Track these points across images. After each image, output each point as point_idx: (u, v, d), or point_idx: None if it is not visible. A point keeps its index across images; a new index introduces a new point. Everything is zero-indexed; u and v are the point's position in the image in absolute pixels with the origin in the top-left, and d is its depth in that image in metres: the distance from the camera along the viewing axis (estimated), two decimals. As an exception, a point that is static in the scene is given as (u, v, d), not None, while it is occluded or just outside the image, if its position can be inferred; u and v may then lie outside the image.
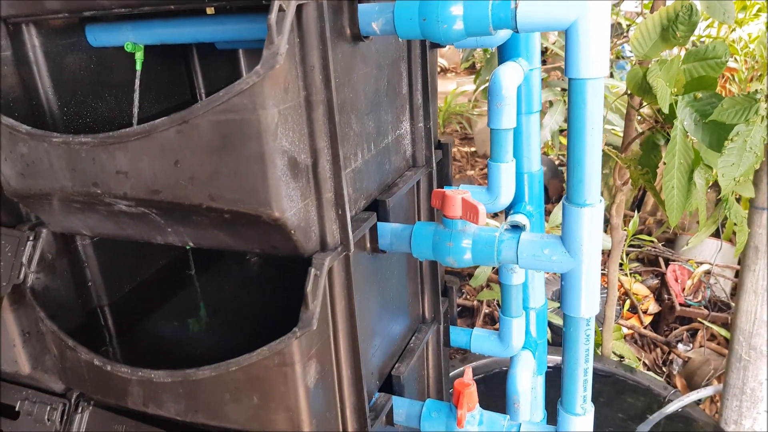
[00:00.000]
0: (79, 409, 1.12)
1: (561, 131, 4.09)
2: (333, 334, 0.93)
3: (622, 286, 3.00)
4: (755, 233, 1.88)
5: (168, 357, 1.16)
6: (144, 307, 1.22)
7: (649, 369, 2.74)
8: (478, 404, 1.09)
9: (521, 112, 1.34)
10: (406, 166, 1.16)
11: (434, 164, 1.20)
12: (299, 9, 0.77)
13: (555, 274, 2.69)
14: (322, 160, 0.85)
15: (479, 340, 1.38)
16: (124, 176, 0.82)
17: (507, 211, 1.41)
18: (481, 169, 4.44)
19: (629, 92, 1.84)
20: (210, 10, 1.20)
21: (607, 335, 2.44)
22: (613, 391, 2.30)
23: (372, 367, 1.09)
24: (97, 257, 1.12)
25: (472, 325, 2.85)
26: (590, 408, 1.01)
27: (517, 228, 1.31)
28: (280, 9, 0.74)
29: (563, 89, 2.77)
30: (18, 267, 1.00)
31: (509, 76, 1.18)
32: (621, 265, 3.11)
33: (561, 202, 0.95)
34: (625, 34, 4.89)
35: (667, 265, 3.08)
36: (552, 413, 1.29)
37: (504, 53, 1.32)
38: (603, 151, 1.92)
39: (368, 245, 1.01)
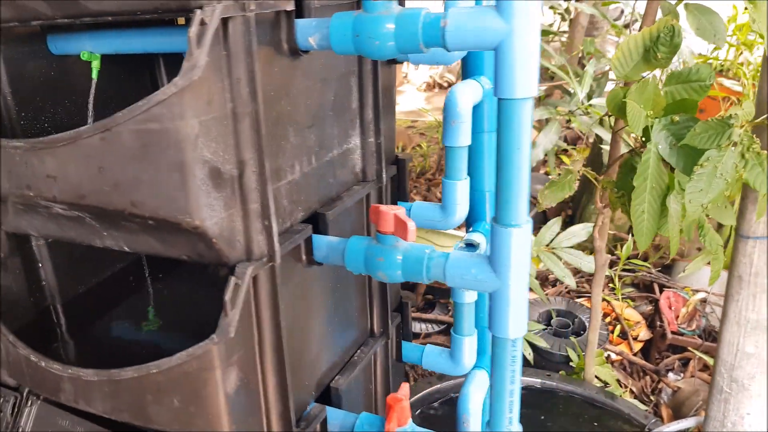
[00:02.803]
0: (29, 403, 1.15)
1: (564, 150, 4.07)
2: (259, 342, 0.94)
3: (613, 310, 2.98)
4: (740, 262, 1.86)
5: (116, 356, 1.18)
6: (97, 308, 1.25)
7: (636, 397, 2.70)
8: (411, 420, 1.10)
9: (484, 129, 1.35)
10: (355, 180, 1.17)
11: (384, 179, 1.21)
12: (225, 23, 0.79)
13: (549, 294, 2.68)
14: (248, 171, 0.86)
15: (431, 356, 1.38)
16: (53, 180, 0.84)
17: (467, 229, 1.42)
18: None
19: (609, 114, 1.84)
20: (182, 20, 1.24)
21: (590, 360, 2.41)
22: (592, 417, 2.27)
23: (307, 377, 1.10)
24: (51, 258, 1.15)
25: (460, 343, 2.84)
26: (517, 428, 1.01)
27: (471, 246, 1.32)
28: (202, 23, 0.76)
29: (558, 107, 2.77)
30: (-33, 263, 1.03)
31: (465, 94, 1.19)
32: (613, 289, 3.09)
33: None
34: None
35: (662, 291, 3.04)
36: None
37: (467, 71, 1.33)
38: (583, 173, 1.92)
39: (304, 257, 1.03)
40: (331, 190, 1.10)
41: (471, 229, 1.39)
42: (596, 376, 2.53)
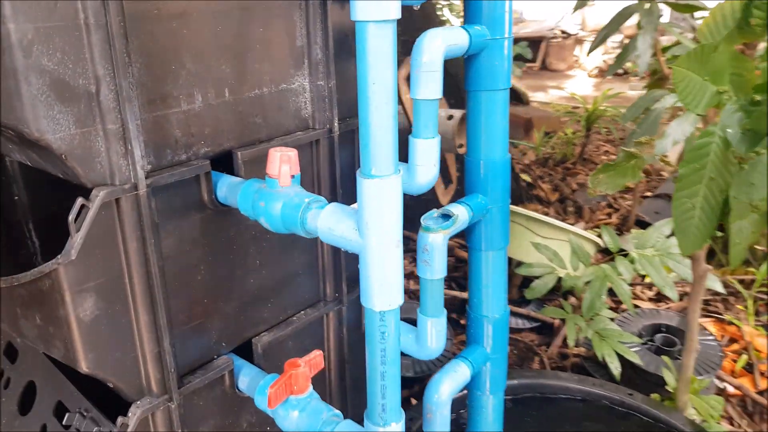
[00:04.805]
0: None
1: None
2: (128, 276, 0.90)
3: (742, 337, 2.53)
4: None
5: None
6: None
7: (750, 441, 2.29)
8: (311, 389, 0.99)
9: (481, 88, 1.18)
10: (300, 125, 1.08)
11: (337, 129, 1.10)
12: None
13: (662, 305, 2.35)
14: (104, 88, 0.82)
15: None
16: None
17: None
18: (648, 182, 3.93)
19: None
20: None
21: (683, 386, 2.07)
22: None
23: (217, 326, 1.05)
24: (22, 175, 1.21)
25: (548, 345, 2.60)
26: (394, 418, 0.87)
27: (447, 217, 1.17)
28: None
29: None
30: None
31: (434, 39, 1.05)
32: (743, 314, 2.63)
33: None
34: None
35: (811, 323, 2.53)
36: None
37: (466, 17, 1.17)
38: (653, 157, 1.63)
39: (204, 195, 0.96)
40: (259, 132, 1.03)
41: (461, 200, 1.24)
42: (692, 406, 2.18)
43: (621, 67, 2.66)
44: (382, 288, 0.80)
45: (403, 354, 1.28)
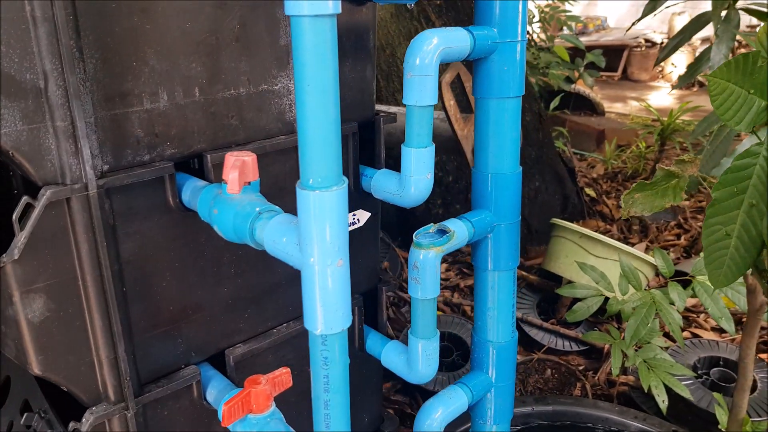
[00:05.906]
0: None
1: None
2: (81, 278, 0.87)
3: (815, 378, 2.29)
4: None
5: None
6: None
7: (815, 495, 2.05)
8: (273, 408, 0.93)
9: (490, 95, 1.09)
10: (283, 129, 1.03)
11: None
12: None
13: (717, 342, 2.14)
14: (51, 84, 0.79)
15: (390, 353, 1.17)
16: None
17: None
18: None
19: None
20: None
21: (735, 427, 1.88)
22: (711, 498, 1.78)
23: (185, 334, 1.00)
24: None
25: (596, 371, 2.44)
26: (338, 452, 0.80)
27: (443, 233, 1.09)
28: None
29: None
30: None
31: (429, 41, 0.97)
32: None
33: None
34: None
35: None
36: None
37: (476, 19, 1.09)
38: (696, 178, 1.48)
39: (170, 198, 0.92)
40: (235, 134, 0.98)
41: (463, 215, 1.14)
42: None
43: (693, 79, 2.47)
44: (324, 309, 0.73)
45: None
